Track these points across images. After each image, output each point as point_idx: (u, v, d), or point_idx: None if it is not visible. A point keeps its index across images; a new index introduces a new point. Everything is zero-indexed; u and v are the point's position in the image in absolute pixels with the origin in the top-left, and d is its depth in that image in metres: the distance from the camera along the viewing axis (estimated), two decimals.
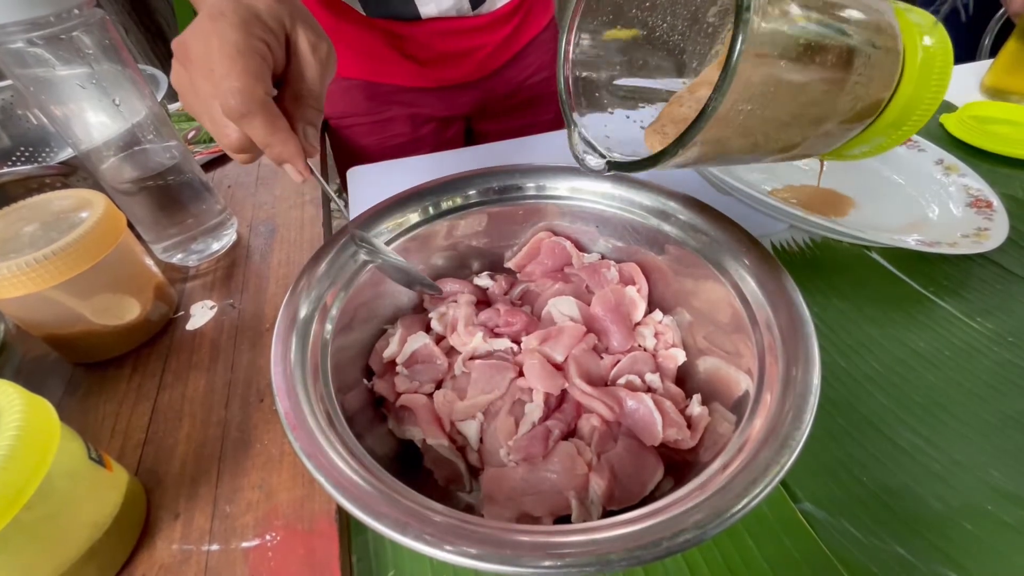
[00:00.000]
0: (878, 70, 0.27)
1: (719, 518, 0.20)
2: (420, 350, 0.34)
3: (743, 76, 0.21)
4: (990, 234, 0.42)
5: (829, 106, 0.26)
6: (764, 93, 0.23)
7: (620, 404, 0.31)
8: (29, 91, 0.34)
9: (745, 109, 0.22)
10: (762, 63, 0.21)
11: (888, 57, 0.27)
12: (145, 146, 0.40)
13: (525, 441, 0.29)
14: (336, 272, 0.33)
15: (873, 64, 0.26)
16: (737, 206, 0.47)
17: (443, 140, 0.73)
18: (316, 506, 0.29)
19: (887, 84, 0.28)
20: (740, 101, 0.22)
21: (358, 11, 0.58)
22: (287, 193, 0.54)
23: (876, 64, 0.26)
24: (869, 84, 0.26)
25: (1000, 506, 0.29)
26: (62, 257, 0.31)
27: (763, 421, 0.25)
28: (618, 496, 0.28)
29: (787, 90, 0.24)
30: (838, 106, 0.26)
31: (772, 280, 0.30)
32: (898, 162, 0.53)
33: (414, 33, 0.61)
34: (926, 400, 0.34)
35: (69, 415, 0.35)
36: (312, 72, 0.29)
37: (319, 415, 0.25)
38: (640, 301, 0.37)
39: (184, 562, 0.27)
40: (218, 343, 0.39)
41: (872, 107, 0.28)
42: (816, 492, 0.30)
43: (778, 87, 0.23)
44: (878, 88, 0.27)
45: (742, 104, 0.22)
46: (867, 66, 0.25)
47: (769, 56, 0.21)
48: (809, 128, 0.27)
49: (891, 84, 0.28)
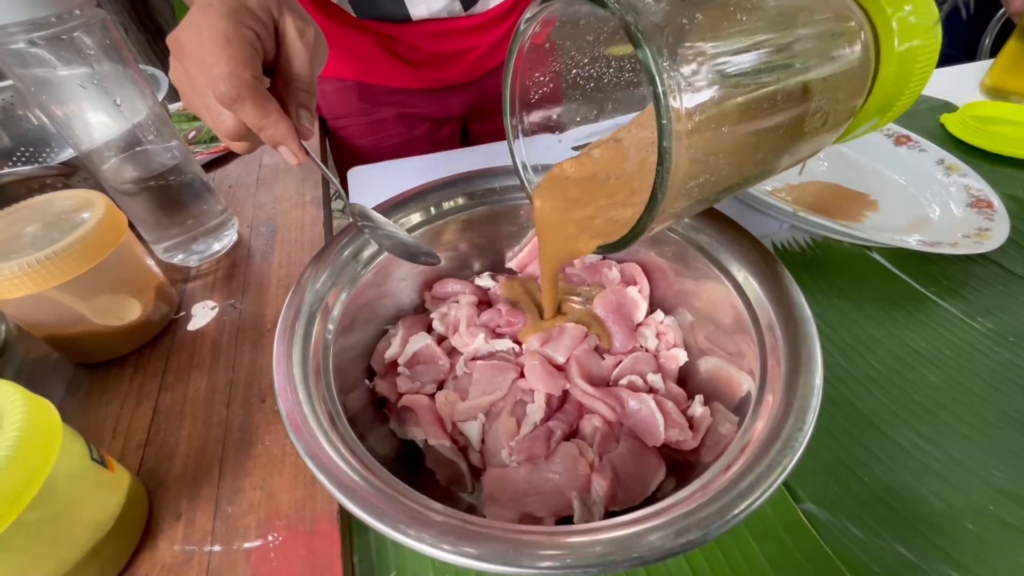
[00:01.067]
0: (844, 81, 0.25)
1: (722, 519, 0.20)
2: (422, 350, 0.34)
3: (681, 163, 0.19)
4: (991, 234, 0.42)
5: (794, 134, 0.24)
6: (713, 161, 0.21)
7: (622, 405, 0.31)
8: (30, 91, 0.34)
9: (697, 182, 0.21)
10: (701, 136, 0.20)
11: (853, 62, 0.25)
12: (146, 146, 0.40)
13: (527, 442, 0.29)
14: (338, 272, 0.33)
15: (836, 79, 0.24)
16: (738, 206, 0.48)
17: (438, 141, 0.73)
18: (318, 506, 0.29)
19: (858, 90, 0.26)
20: (688, 179, 0.20)
21: (349, 13, 0.58)
22: (288, 193, 0.54)
23: (840, 77, 0.24)
24: (835, 100, 0.24)
25: (1001, 505, 0.29)
26: (63, 258, 0.31)
27: (765, 422, 0.25)
28: (620, 497, 0.28)
29: (740, 145, 0.22)
30: (805, 129, 0.24)
31: (773, 280, 0.30)
32: (899, 162, 0.54)
33: (405, 35, 0.61)
34: (927, 400, 0.34)
35: (71, 416, 0.35)
36: (300, 57, 0.29)
37: (321, 415, 0.25)
38: (642, 301, 0.37)
39: (186, 563, 0.27)
40: (219, 343, 0.39)
41: (848, 112, 0.26)
42: (818, 492, 0.30)
43: (727, 149, 0.21)
44: (848, 97, 0.26)
45: (692, 181, 0.21)
46: (827, 87, 0.23)
47: (706, 128, 0.20)
48: (781, 156, 0.25)
49: (864, 87, 0.26)
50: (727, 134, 0.21)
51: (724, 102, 0.20)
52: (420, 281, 0.40)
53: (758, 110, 0.21)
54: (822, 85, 0.23)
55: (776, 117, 0.22)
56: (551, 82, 0.29)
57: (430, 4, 0.58)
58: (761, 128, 0.22)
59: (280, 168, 0.58)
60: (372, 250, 0.35)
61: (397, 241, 0.33)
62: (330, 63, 0.35)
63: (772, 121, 0.22)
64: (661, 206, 0.21)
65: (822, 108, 0.24)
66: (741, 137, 0.22)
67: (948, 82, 0.68)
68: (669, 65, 0.18)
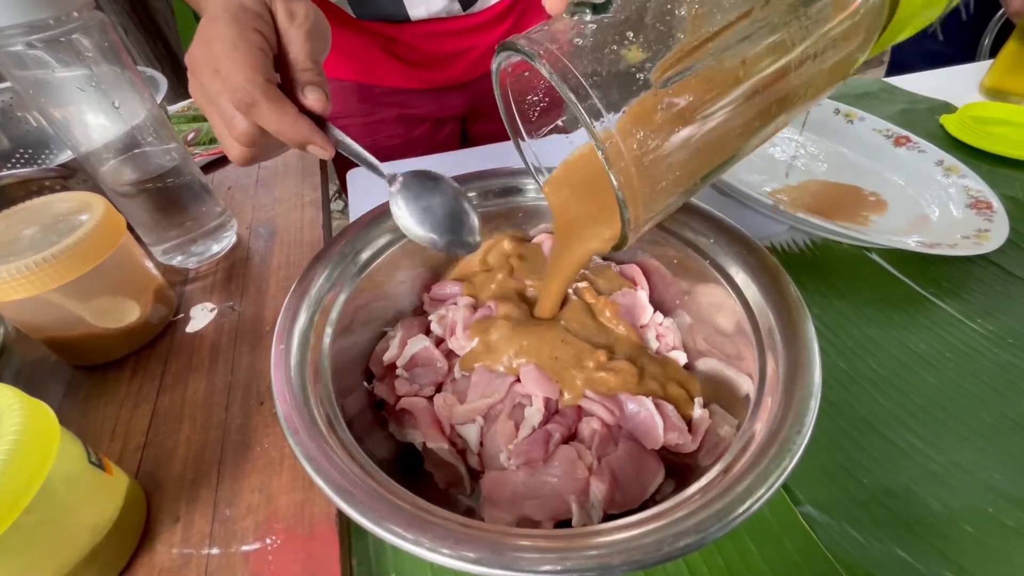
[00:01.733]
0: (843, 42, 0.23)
1: (720, 522, 0.20)
2: (420, 353, 0.34)
3: (632, 181, 0.19)
4: (990, 235, 0.42)
5: (770, 116, 0.23)
6: (676, 162, 0.21)
7: (620, 408, 0.31)
8: (28, 93, 0.34)
9: (667, 182, 0.21)
10: (648, 151, 0.20)
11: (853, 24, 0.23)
12: (145, 148, 0.40)
13: (525, 445, 0.29)
14: (336, 274, 0.33)
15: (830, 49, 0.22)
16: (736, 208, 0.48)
17: (437, 141, 0.73)
18: (316, 509, 0.29)
19: (864, 44, 0.24)
20: (654, 184, 0.20)
21: (348, 13, 0.59)
22: (287, 195, 0.54)
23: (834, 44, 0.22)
24: (823, 69, 0.23)
25: (1001, 508, 0.29)
26: (62, 260, 0.31)
27: (764, 424, 0.25)
28: (619, 500, 0.28)
29: (704, 142, 0.21)
30: (795, 103, 0.23)
31: (772, 282, 0.30)
32: (898, 163, 0.53)
33: (404, 35, 0.61)
34: (926, 402, 0.34)
35: (69, 418, 0.35)
36: (296, 42, 0.29)
37: (319, 418, 0.25)
38: (648, 305, 0.37)
39: (184, 566, 0.27)
40: (218, 346, 0.39)
41: (847, 63, 0.24)
42: (817, 494, 0.30)
43: (693, 147, 0.21)
44: (847, 59, 0.24)
45: (660, 183, 0.21)
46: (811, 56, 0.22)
47: (653, 140, 0.20)
48: (760, 134, 0.24)
49: (871, 39, 0.24)
50: (685, 137, 0.21)
51: (668, 113, 0.20)
52: (419, 283, 0.40)
53: (709, 115, 0.21)
54: (812, 65, 0.22)
55: (750, 110, 0.22)
56: (546, 96, 0.29)
57: (429, 5, 0.58)
58: (723, 126, 0.22)
59: (279, 170, 0.58)
60: (371, 252, 0.35)
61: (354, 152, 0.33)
62: (329, 63, 0.35)
63: (740, 120, 0.22)
64: (632, 220, 0.21)
65: (804, 81, 0.23)
66: (703, 135, 0.21)
67: (947, 83, 0.68)
68: (588, 94, 0.19)
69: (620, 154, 0.19)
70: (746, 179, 0.53)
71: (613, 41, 0.20)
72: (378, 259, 0.35)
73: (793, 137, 0.59)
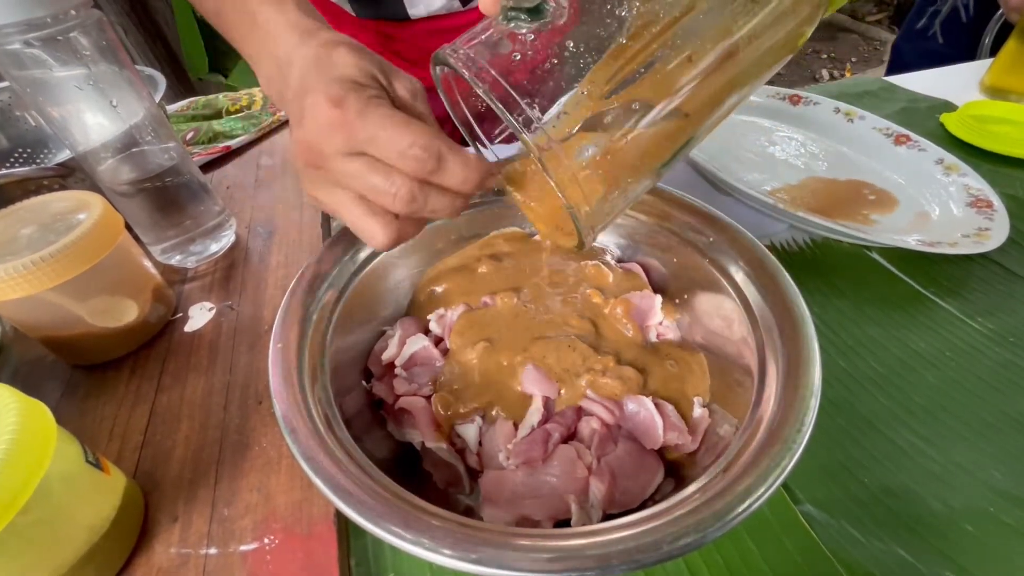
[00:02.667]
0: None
1: (720, 521, 0.20)
2: (419, 352, 0.34)
3: (571, 189, 0.19)
4: (991, 234, 0.42)
5: (729, 97, 0.22)
6: (625, 159, 0.20)
7: (620, 407, 0.30)
8: (26, 92, 0.34)
9: (620, 181, 0.21)
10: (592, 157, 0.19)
11: None
12: (143, 147, 0.39)
13: (524, 444, 0.29)
14: (335, 274, 0.33)
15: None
16: (736, 206, 0.48)
17: None
18: (315, 509, 0.29)
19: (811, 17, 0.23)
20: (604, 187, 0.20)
21: (348, 13, 0.58)
22: (286, 194, 0.53)
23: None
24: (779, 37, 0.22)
25: (1001, 507, 0.29)
26: (60, 259, 0.31)
27: (764, 423, 0.24)
28: (618, 499, 0.28)
29: (654, 134, 0.21)
30: (743, 83, 0.22)
31: (772, 281, 0.30)
32: (898, 162, 0.53)
33: (404, 33, 0.61)
34: (927, 401, 0.34)
35: (66, 418, 0.34)
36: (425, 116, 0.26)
37: (317, 417, 0.25)
38: (659, 310, 0.36)
39: (182, 565, 0.27)
40: (216, 345, 0.39)
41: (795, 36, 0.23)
42: (816, 493, 0.30)
43: (643, 140, 0.20)
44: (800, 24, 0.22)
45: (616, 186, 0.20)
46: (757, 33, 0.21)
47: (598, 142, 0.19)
48: (721, 111, 0.23)
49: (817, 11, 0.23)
50: (633, 139, 0.20)
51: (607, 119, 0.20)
52: (417, 282, 0.40)
53: (656, 118, 0.21)
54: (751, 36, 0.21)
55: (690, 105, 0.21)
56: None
57: (429, 3, 0.58)
58: (672, 123, 0.21)
59: (279, 169, 0.57)
60: (369, 251, 0.35)
61: None
62: None
63: (687, 110, 0.21)
64: (584, 220, 0.20)
65: (752, 62, 0.22)
66: (651, 135, 0.21)
67: (948, 81, 0.68)
68: (518, 104, 0.19)
69: (560, 164, 0.19)
70: (746, 178, 0.53)
71: (550, 50, 0.20)
72: (376, 259, 0.35)
73: (793, 136, 0.59)
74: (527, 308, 0.36)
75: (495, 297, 0.36)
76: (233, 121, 0.63)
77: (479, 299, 0.37)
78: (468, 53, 0.20)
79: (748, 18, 0.21)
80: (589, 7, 0.21)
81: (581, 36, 0.20)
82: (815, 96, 0.61)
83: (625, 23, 0.20)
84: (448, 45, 0.21)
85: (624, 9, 0.20)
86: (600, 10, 0.20)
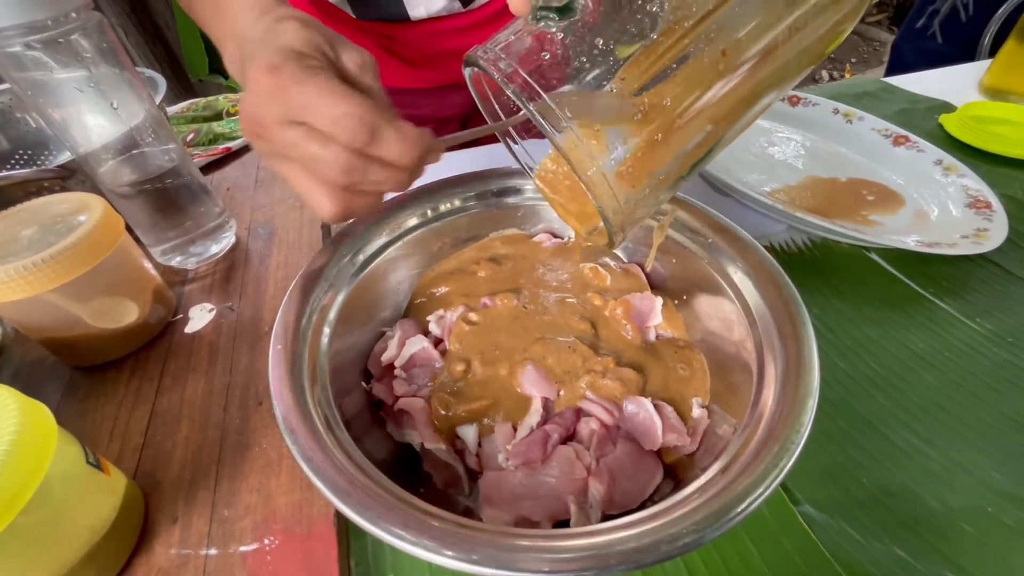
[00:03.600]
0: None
1: (718, 521, 0.20)
2: (418, 353, 0.34)
3: (606, 199, 0.19)
4: (989, 235, 0.42)
5: (765, 95, 0.22)
6: (663, 164, 0.20)
7: (619, 408, 0.31)
8: (27, 94, 0.34)
9: (651, 182, 0.20)
10: (630, 162, 0.19)
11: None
12: (143, 149, 0.40)
13: (524, 445, 0.29)
14: (334, 275, 0.33)
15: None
16: (736, 207, 0.48)
17: None
18: (315, 510, 0.29)
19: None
20: (637, 190, 0.20)
21: (348, 14, 0.58)
22: (286, 195, 0.54)
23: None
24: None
25: (1000, 507, 0.29)
26: (60, 260, 0.31)
27: (762, 423, 0.24)
28: (617, 500, 0.28)
29: (688, 132, 0.20)
30: (782, 80, 0.22)
31: (770, 281, 0.30)
32: (897, 162, 0.53)
33: (405, 35, 0.61)
34: (925, 401, 0.34)
35: (67, 419, 0.34)
36: (373, 90, 0.26)
37: (317, 418, 0.25)
38: (659, 313, 0.36)
39: (182, 566, 0.27)
40: (217, 346, 0.39)
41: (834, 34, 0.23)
42: (815, 494, 0.30)
43: (676, 142, 0.20)
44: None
45: (647, 186, 0.20)
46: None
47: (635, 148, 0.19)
48: (755, 109, 0.23)
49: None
50: (664, 140, 0.20)
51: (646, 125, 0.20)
52: (417, 283, 0.40)
53: (689, 117, 0.20)
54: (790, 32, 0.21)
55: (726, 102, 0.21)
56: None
57: (429, 4, 0.58)
58: (704, 120, 0.21)
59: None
60: (369, 252, 0.35)
61: None
62: None
63: (720, 110, 0.21)
64: (613, 220, 0.20)
65: (791, 58, 0.21)
66: (681, 135, 0.21)
67: (947, 82, 0.68)
68: (549, 106, 0.19)
69: (589, 164, 0.19)
70: (745, 178, 0.53)
71: (580, 48, 0.20)
72: (376, 260, 0.35)
73: (792, 137, 0.59)
74: (527, 309, 0.36)
75: (494, 298, 0.36)
76: (233, 123, 0.63)
77: (478, 300, 0.37)
78: (498, 54, 0.20)
79: (790, 11, 0.20)
80: (618, 4, 0.20)
81: (611, 34, 0.20)
82: (814, 97, 0.61)
83: (656, 19, 0.20)
84: (479, 46, 0.21)
85: (655, 4, 0.20)
86: (630, 6, 0.20)
